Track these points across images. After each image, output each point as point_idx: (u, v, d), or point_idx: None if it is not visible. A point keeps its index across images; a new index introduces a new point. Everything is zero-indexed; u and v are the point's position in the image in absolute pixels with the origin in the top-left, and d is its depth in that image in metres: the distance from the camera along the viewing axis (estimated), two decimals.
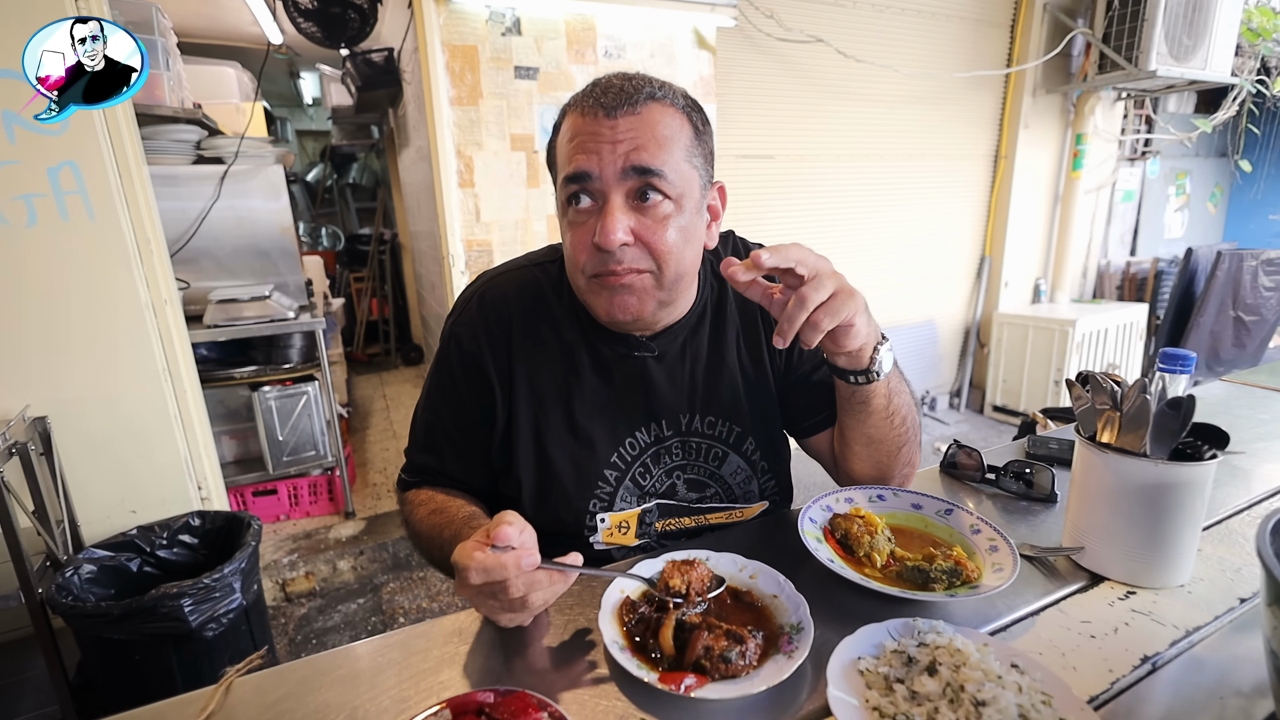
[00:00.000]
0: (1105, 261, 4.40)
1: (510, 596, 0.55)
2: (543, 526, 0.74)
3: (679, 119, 0.70)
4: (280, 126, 5.49)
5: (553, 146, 0.74)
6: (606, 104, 0.67)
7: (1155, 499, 0.60)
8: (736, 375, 0.82)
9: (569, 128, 0.70)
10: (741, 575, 0.64)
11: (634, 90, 0.68)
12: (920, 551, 0.67)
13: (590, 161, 0.67)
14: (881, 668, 0.50)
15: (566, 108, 0.72)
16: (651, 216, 0.68)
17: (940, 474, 0.92)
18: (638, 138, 0.66)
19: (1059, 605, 0.62)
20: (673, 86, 0.72)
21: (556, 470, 0.77)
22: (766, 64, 2.94)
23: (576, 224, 0.70)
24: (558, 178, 0.72)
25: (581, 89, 0.72)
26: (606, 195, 0.67)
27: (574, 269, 0.72)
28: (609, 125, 0.67)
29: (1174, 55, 3.32)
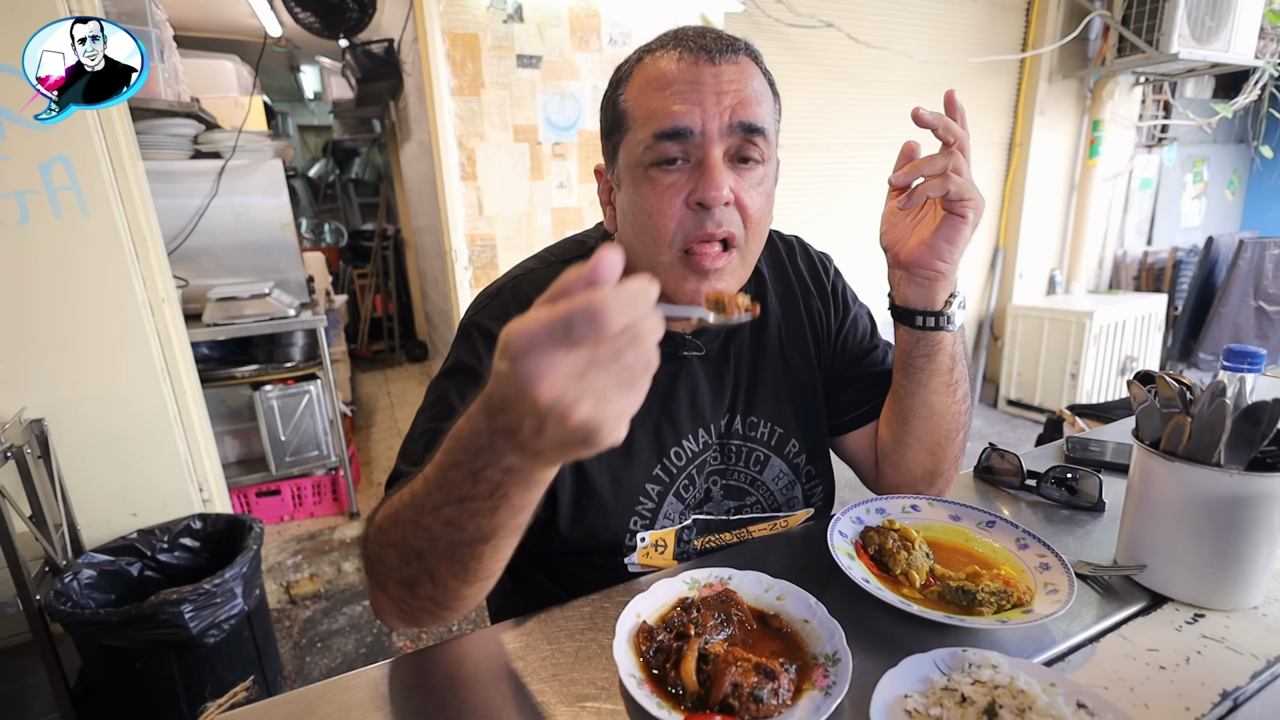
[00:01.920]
0: (1122, 251, 4.31)
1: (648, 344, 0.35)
2: (577, 546, 0.69)
3: (764, 80, 0.64)
4: (281, 121, 5.45)
5: (617, 101, 0.64)
6: (708, 46, 0.60)
7: (1229, 513, 0.54)
8: (779, 372, 0.76)
9: (655, 74, 0.61)
10: (768, 596, 0.59)
11: (732, 41, 0.62)
12: (963, 569, 0.61)
13: (692, 115, 0.59)
14: (933, 709, 0.44)
15: (643, 54, 0.64)
16: (748, 180, 0.62)
17: (974, 479, 0.86)
18: (741, 90, 0.60)
19: (1120, 630, 0.56)
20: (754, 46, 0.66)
21: (595, 485, 0.68)
22: (775, 50, 2.86)
23: (662, 186, 0.61)
24: (627, 135, 0.63)
25: (658, 37, 0.64)
26: (706, 150, 0.60)
27: (656, 242, 0.62)
28: (712, 72, 0.59)
29: (1196, 37, 3.22)
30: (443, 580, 0.47)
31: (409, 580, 0.49)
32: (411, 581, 0.49)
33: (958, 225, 0.61)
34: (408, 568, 0.48)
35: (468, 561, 0.45)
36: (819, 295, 0.79)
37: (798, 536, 0.75)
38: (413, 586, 0.49)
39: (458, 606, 0.51)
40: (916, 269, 0.64)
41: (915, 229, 0.65)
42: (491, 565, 0.47)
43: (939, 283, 0.65)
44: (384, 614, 0.54)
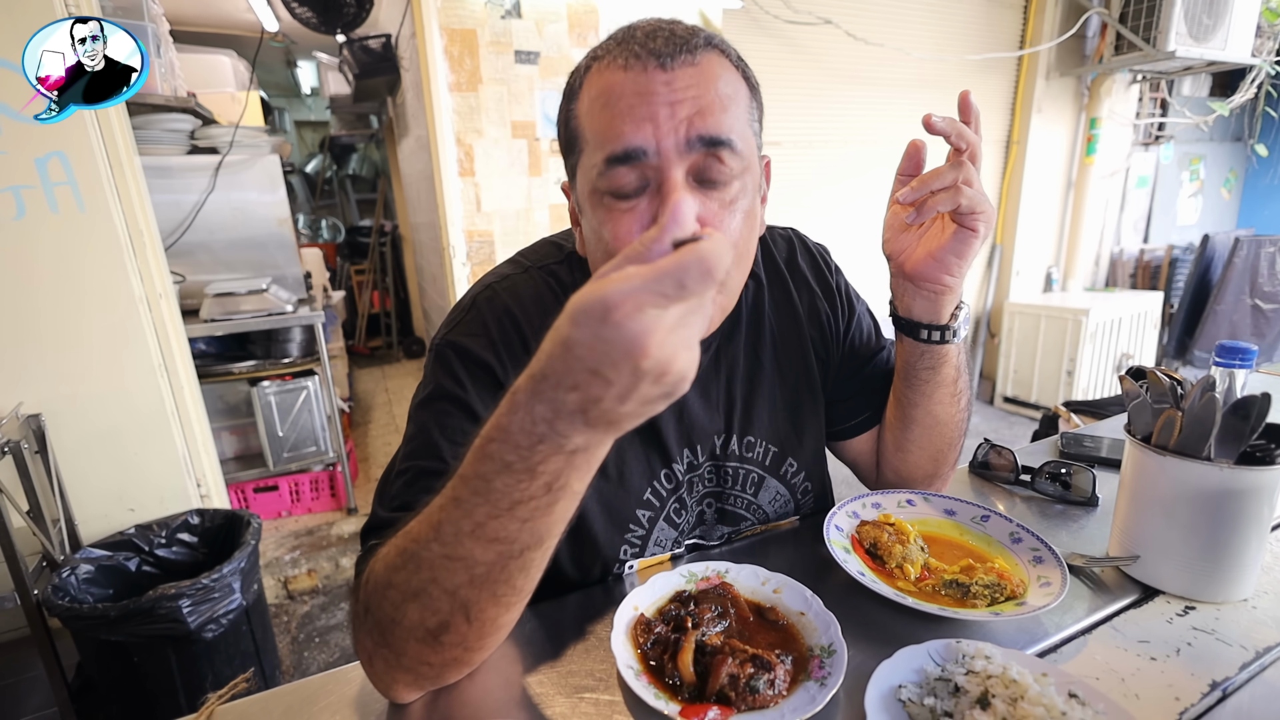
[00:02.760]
0: (1118, 249, 4.32)
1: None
2: (564, 576, 0.67)
3: (736, 75, 0.55)
4: (278, 117, 5.42)
5: (570, 117, 0.56)
6: (657, 50, 0.51)
7: (1219, 506, 0.55)
8: (776, 385, 0.72)
9: (601, 87, 0.53)
10: (764, 589, 0.59)
11: (687, 35, 0.53)
12: (957, 563, 0.61)
13: (643, 132, 0.51)
14: (926, 698, 0.45)
15: (591, 61, 0.55)
16: (718, 200, 0.54)
17: (970, 475, 0.87)
18: (701, 96, 0.51)
19: (1112, 622, 0.57)
20: (716, 35, 0.56)
21: (586, 513, 0.64)
22: (774, 47, 2.86)
23: (619, 213, 0.54)
24: (582, 158, 0.55)
25: (608, 37, 0.55)
26: (664, 173, 0.52)
27: None
28: (663, 80, 0.51)
29: (1193, 35, 3.23)
30: (481, 612, 0.44)
31: (435, 630, 0.44)
32: (439, 630, 0.44)
33: (968, 239, 0.59)
34: (435, 615, 0.44)
35: (515, 579, 0.43)
36: (824, 295, 0.75)
37: (795, 531, 0.75)
38: (439, 636, 0.45)
39: (489, 643, 0.48)
40: (923, 282, 0.62)
41: (921, 240, 0.62)
42: (536, 575, 0.44)
43: (946, 296, 0.63)
44: (393, 687, 0.49)
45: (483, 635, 0.46)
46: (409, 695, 0.50)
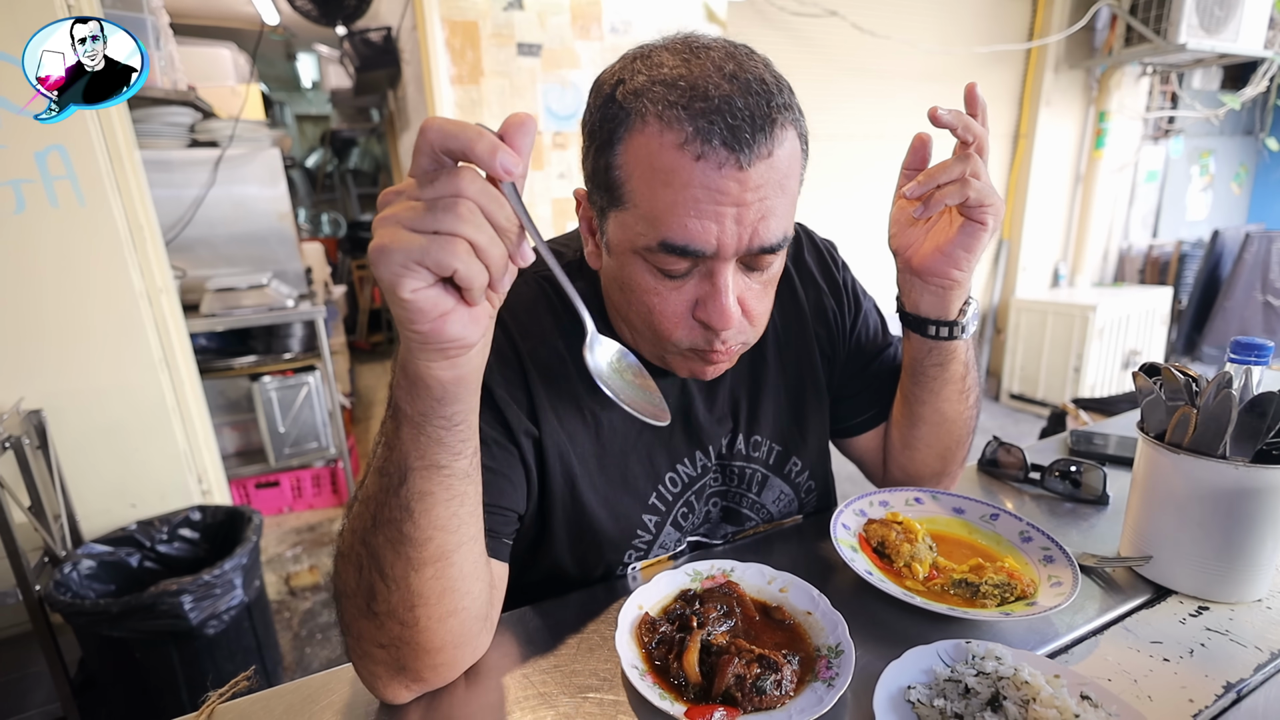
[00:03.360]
0: (1127, 244, 4.29)
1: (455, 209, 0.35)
2: (568, 575, 0.66)
3: (797, 144, 0.51)
4: (279, 110, 5.41)
5: (611, 161, 0.51)
6: (732, 136, 0.46)
7: (1233, 505, 0.53)
8: (780, 384, 0.71)
9: (667, 162, 0.48)
10: (771, 589, 0.58)
11: (764, 112, 0.47)
12: (966, 562, 0.60)
13: (707, 235, 0.48)
14: (936, 699, 0.44)
15: (645, 105, 0.48)
16: (759, 280, 0.55)
17: (978, 473, 0.85)
18: (767, 198, 0.49)
19: (1124, 623, 0.55)
20: (784, 81, 0.51)
21: (591, 516, 0.63)
22: (780, 39, 2.83)
23: (666, 291, 0.53)
24: (625, 213, 0.52)
25: (656, 66, 0.49)
26: (716, 272, 0.51)
27: (657, 337, 0.56)
28: (736, 177, 0.47)
29: (1205, 27, 3.19)
30: (390, 567, 0.45)
31: (367, 597, 0.46)
32: (369, 597, 0.46)
33: (977, 232, 0.58)
34: (361, 576, 0.46)
35: (400, 520, 0.44)
36: (831, 293, 0.74)
37: (800, 529, 0.74)
38: (371, 605, 0.46)
39: (421, 620, 0.46)
40: (931, 277, 0.61)
41: (929, 234, 0.61)
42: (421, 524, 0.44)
43: (954, 291, 0.62)
44: (375, 683, 0.49)
45: (409, 605, 0.46)
46: (396, 693, 0.49)
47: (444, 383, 0.41)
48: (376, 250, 0.36)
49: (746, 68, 0.49)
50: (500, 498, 0.56)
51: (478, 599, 0.50)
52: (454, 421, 0.43)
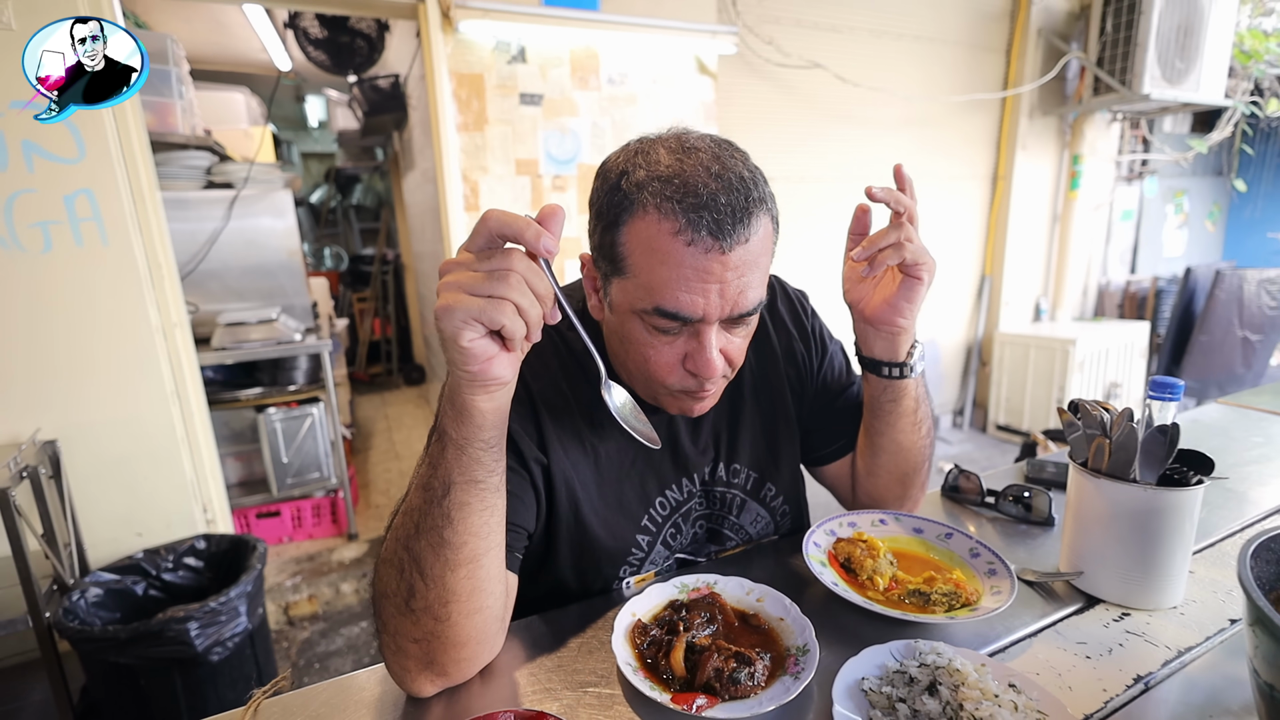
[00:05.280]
0: (1105, 280, 4.44)
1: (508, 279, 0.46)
2: (568, 589, 0.73)
3: (769, 226, 0.62)
4: (286, 149, 5.58)
5: (616, 237, 0.61)
6: (717, 228, 0.57)
7: (1146, 523, 0.62)
8: (756, 417, 0.81)
9: (662, 247, 0.58)
10: (749, 599, 0.66)
11: (743, 205, 0.58)
12: (921, 575, 0.68)
13: (695, 306, 0.59)
14: (884, 687, 0.51)
15: (645, 197, 0.58)
16: (740, 334, 0.66)
17: (942, 498, 0.94)
18: (745, 274, 0.60)
19: (1056, 627, 0.63)
20: (760, 174, 0.62)
21: (592, 536, 0.71)
22: (767, 89, 3.00)
23: (661, 344, 0.63)
24: (627, 281, 0.61)
25: (654, 163, 0.59)
26: (703, 335, 0.61)
27: (651, 381, 0.67)
28: (719, 260, 0.58)
29: (1166, 78, 3.38)
30: (429, 568, 0.53)
31: (406, 596, 0.54)
32: (409, 595, 0.53)
33: (915, 286, 0.69)
34: (402, 578, 0.54)
35: (441, 527, 0.52)
36: (800, 338, 0.84)
37: (777, 547, 0.82)
38: (409, 602, 0.54)
39: (454, 616, 0.54)
40: (881, 325, 0.71)
41: (877, 289, 0.71)
42: (460, 530, 0.53)
43: (901, 336, 0.72)
44: (404, 676, 0.56)
45: (444, 601, 0.54)
46: (423, 685, 0.57)
47: (485, 412, 0.51)
48: (443, 309, 0.46)
49: (729, 166, 0.59)
50: (514, 516, 0.64)
51: (498, 600, 0.58)
52: (490, 444, 0.53)
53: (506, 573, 0.62)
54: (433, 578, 0.53)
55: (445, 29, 2.24)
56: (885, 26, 3.24)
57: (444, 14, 2.22)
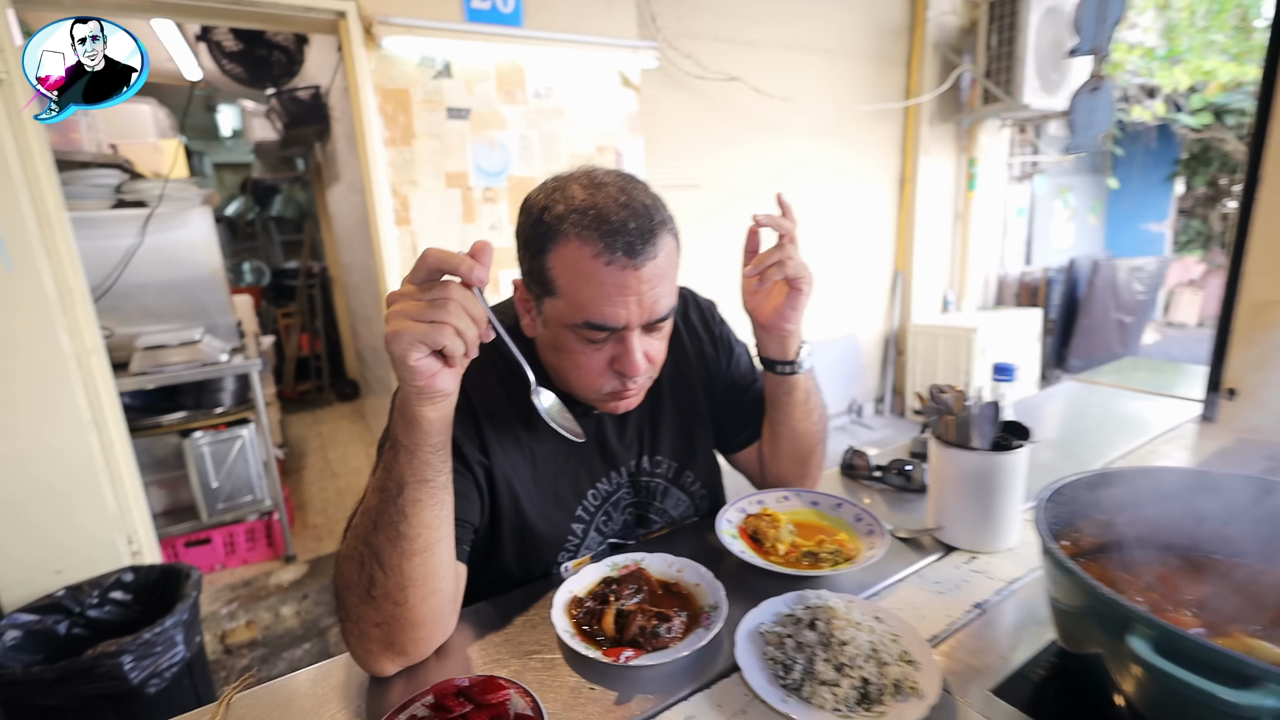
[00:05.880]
0: (1003, 272, 4.85)
1: (446, 306, 0.54)
2: (511, 575, 0.81)
3: (673, 241, 0.73)
4: (198, 160, 5.32)
5: (544, 262, 0.70)
6: (630, 248, 0.67)
7: (984, 481, 0.76)
8: (674, 414, 0.91)
9: (584, 268, 0.67)
10: (671, 570, 0.76)
11: (648, 227, 0.68)
12: (813, 539, 0.80)
13: (618, 316, 0.69)
14: (776, 628, 0.63)
15: (565, 228, 0.68)
16: (658, 337, 0.76)
17: (840, 475, 1.07)
18: (657, 284, 0.70)
19: (920, 572, 0.77)
20: (660, 200, 0.73)
21: (531, 525, 0.80)
22: (689, 100, 3.15)
23: (591, 351, 0.73)
24: (557, 301, 0.70)
25: (570, 197, 0.69)
26: (627, 340, 0.71)
27: (584, 385, 0.76)
28: (635, 275, 0.67)
29: (1044, 88, 3.76)
30: (387, 558, 0.60)
31: (367, 585, 0.60)
32: (369, 585, 0.60)
33: (797, 296, 0.80)
34: (363, 570, 0.61)
35: (397, 522, 0.60)
36: (709, 342, 0.95)
37: (698, 527, 0.93)
38: (370, 590, 0.60)
39: (411, 600, 0.61)
40: (772, 330, 0.83)
41: (768, 299, 0.83)
42: (414, 524, 0.60)
43: (789, 339, 0.84)
44: (368, 658, 0.63)
45: (401, 586, 0.61)
46: (385, 665, 0.63)
47: (431, 420, 0.58)
48: (392, 334, 0.54)
49: (634, 196, 0.70)
50: (461, 512, 0.72)
51: (449, 584, 0.66)
52: (437, 448, 0.60)
53: (456, 562, 0.69)
54: (391, 567, 0.60)
55: (368, 45, 2.25)
56: (796, 41, 3.45)
57: (366, 30, 2.23)
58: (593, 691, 0.60)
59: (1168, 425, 1.18)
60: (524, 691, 0.56)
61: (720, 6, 3.15)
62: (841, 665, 0.56)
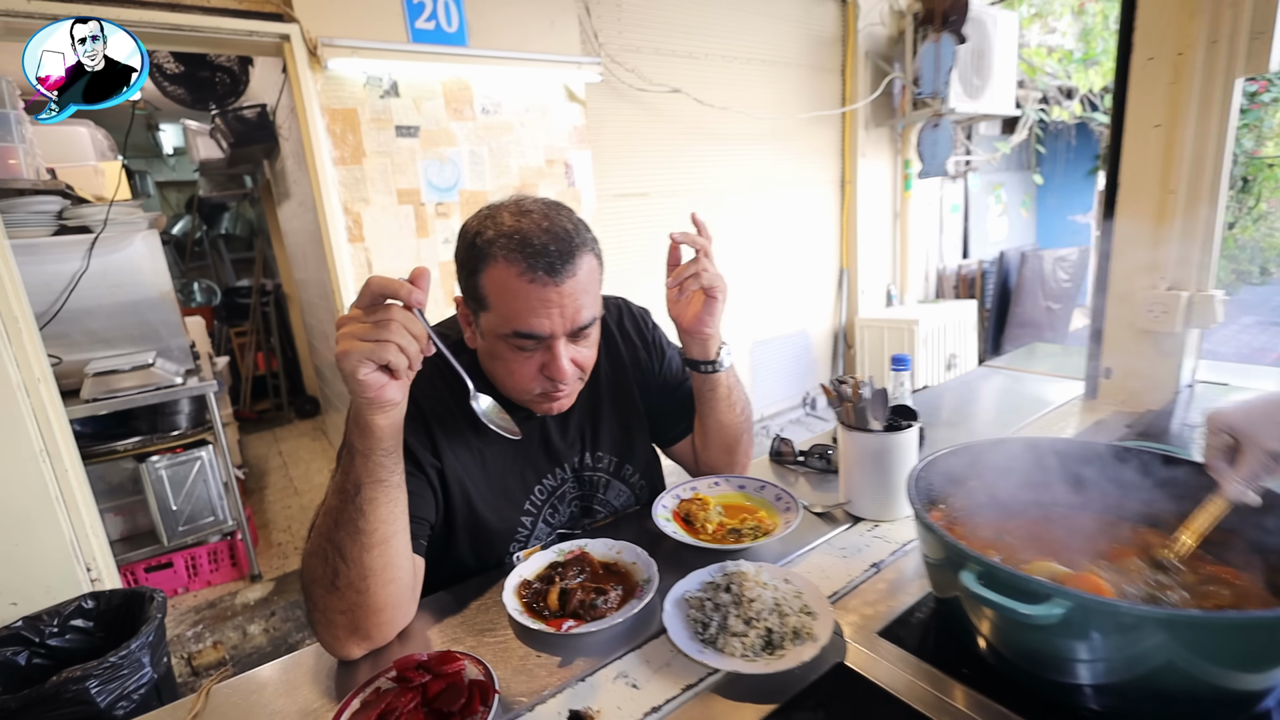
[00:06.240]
0: (942, 265, 5.11)
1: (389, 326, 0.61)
2: (467, 566, 0.90)
3: (594, 260, 0.82)
4: (140, 180, 5.18)
5: (478, 280, 0.78)
6: (551, 268, 0.75)
7: (880, 458, 0.88)
8: (613, 413, 1.00)
9: (511, 286, 0.76)
10: (611, 552, 0.85)
11: (568, 249, 0.77)
12: (738, 518, 0.91)
13: (543, 326, 0.77)
14: (699, 594, 0.73)
15: (494, 251, 0.76)
16: (585, 345, 0.85)
17: (770, 461, 1.19)
18: (579, 298, 0.78)
19: (830, 541, 0.88)
20: (580, 224, 0.82)
21: (482, 520, 0.88)
22: (634, 112, 3.26)
23: (523, 359, 0.81)
24: (490, 314, 0.79)
25: (500, 225, 0.78)
26: (554, 348, 0.80)
27: (515, 388, 0.84)
28: (555, 290, 0.76)
29: (968, 94, 4.00)
30: (348, 551, 0.67)
31: (331, 576, 0.68)
32: (333, 576, 0.68)
33: (713, 304, 0.90)
34: (326, 563, 0.68)
35: (355, 519, 0.67)
36: (643, 347, 1.05)
37: (639, 514, 1.02)
38: (334, 581, 0.68)
39: (372, 589, 0.68)
40: (694, 333, 0.93)
41: (688, 307, 0.92)
42: (371, 520, 0.67)
43: (709, 341, 0.94)
44: (335, 644, 0.70)
45: (362, 576, 0.68)
46: (351, 649, 0.71)
47: (383, 427, 0.66)
48: (342, 353, 0.62)
49: (556, 222, 0.79)
50: (417, 510, 0.80)
51: (407, 573, 0.74)
52: (389, 451, 0.68)
53: (414, 555, 0.77)
54: (352, 559, 0.68)
55: (314, 67, 2.28)
56: (736, 52, 3.60)
57: (311, 52, 2.26)
58: (539, 659, 0.69)
59: (1058, 403, 1.33)
60: (477, 662, 0.65)
61: (660, 21, 3.27)
62: (750, 619, 0.67)
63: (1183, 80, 1.07)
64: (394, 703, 0.60)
